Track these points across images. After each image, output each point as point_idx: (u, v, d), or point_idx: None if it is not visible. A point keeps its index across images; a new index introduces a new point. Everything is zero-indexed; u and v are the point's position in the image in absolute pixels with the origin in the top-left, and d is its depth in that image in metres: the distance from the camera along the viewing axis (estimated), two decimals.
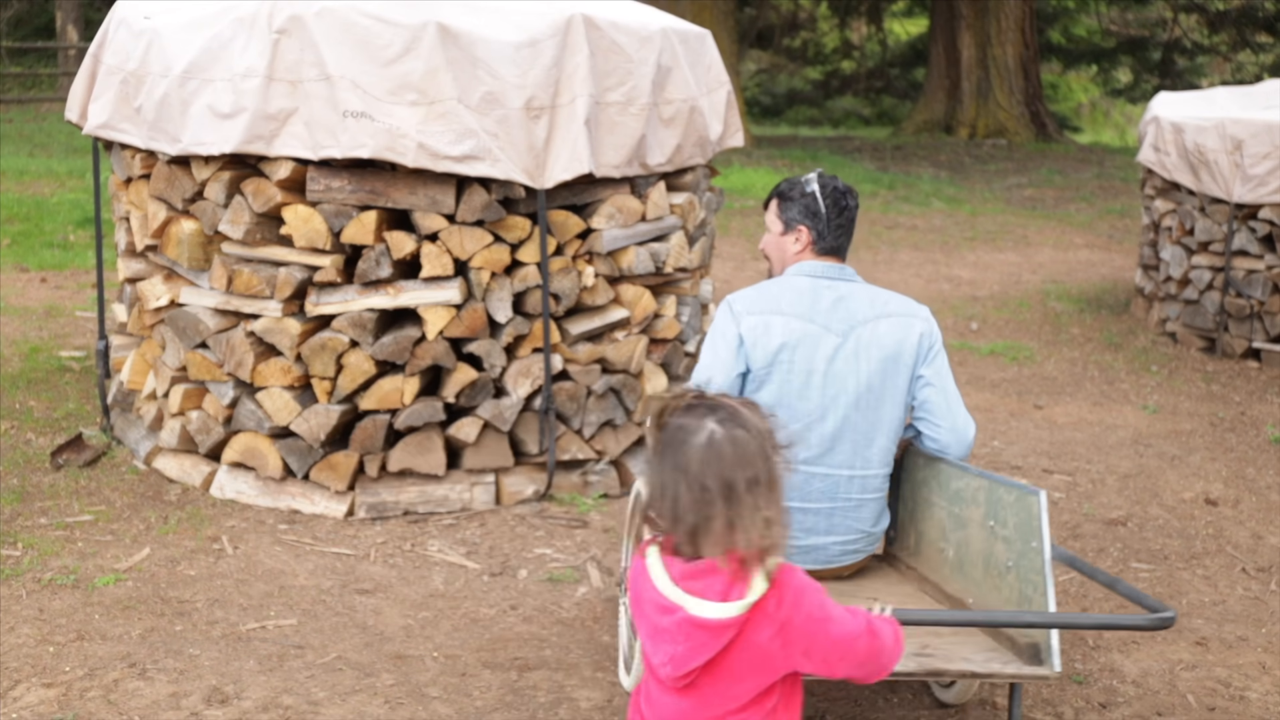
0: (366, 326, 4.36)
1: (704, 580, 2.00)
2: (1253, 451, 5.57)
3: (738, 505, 1.96)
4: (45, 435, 5.16)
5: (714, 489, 1.96)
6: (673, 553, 2.05)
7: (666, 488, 1.99)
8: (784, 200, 3.24)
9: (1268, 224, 6.87)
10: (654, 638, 2.05)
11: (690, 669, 2.03)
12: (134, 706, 3.17)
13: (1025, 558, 2.79)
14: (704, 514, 1.97)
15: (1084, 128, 24.34)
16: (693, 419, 2.01)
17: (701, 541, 1.99)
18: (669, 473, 1.99)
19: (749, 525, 1.96)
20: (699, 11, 16.34)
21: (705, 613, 1.99)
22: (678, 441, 2.00)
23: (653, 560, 2.06)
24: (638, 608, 2.09)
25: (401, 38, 4.20)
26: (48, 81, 20.46)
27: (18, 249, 8.86)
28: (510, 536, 4.37)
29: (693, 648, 2.01)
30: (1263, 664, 3.62)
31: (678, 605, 2.01)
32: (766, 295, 3.11)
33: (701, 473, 1.96)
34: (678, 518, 1.99)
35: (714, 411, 2.01)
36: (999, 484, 2.91)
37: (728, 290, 8.56)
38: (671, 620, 2.01)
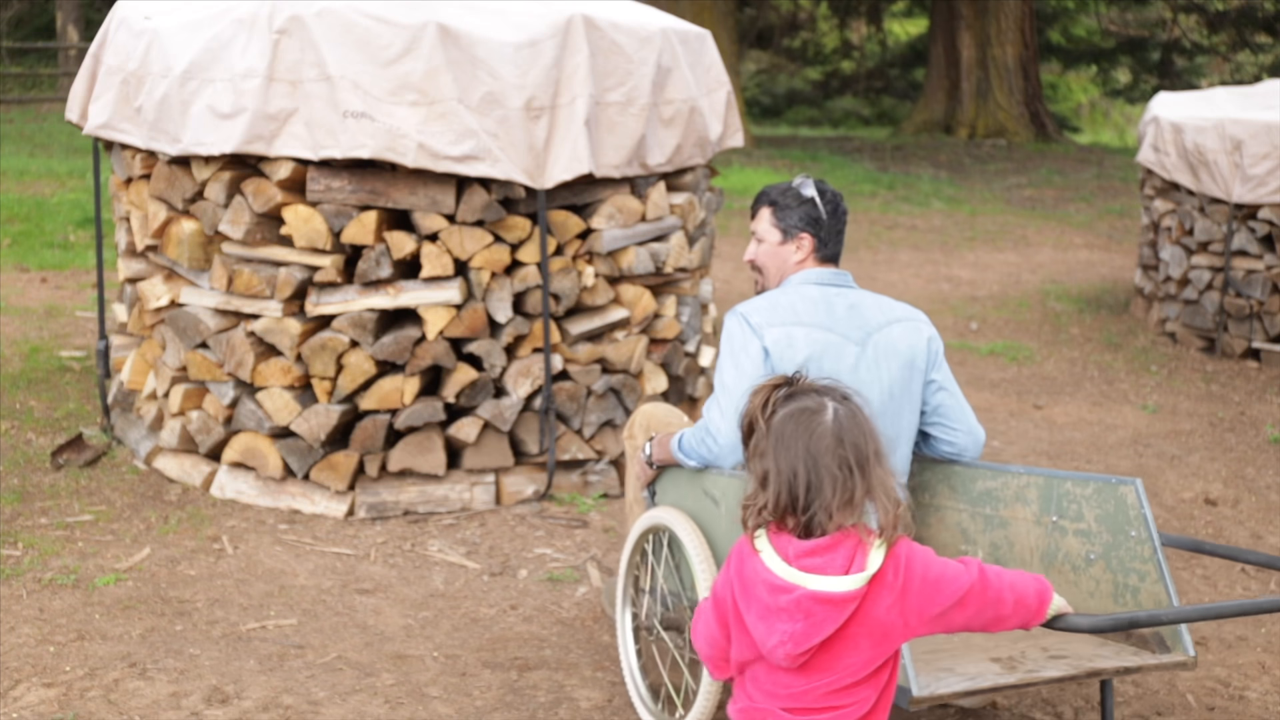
0: (367, 326, 4.37)
1: (823, 556, 2.03)
2: (1252, 451, 5.58)
3: (871, 477, 2.02)
4: (46, 435, 5.17)
5: (852, 463, 2.01)
6: (786, 535, 2.06)
7: (797, 472, 2.02)
8: (779, 208, 3.11)
9: (1267, 224, 6.87)
10: (767, 618, 2.05)
11: (809, 646, 2.04)
12: (134, 706, 3.18)
13: (1118, 549, 2.78)
14: (843, 489, 2.01)
15: (1083, 128, 24.34)
16: (809, 401, 2.05)
17: (837, 516, 2.02)
18: (798, 456, 2.02)
19: (880, 495, 2.03)
20: (699, 12, 16.34)
21: (827, 587, 2.01)
22: (802, 425, 2.03)
23: (762, 544, 2.08)
24: (746, 591, 2.09)
25: (402, 38, 4.21)
26: (48, 82, 20.46)
27: (18, 249, 8.86)
28: (510, 536, 4.37)
29: (813, 624, 2.03)
30: (1262, 664, 3.62)
31: (795, 584, 2.03)
32: (782, 306, 2.97)
33: (837, 449, 2.01)
34: (811, 498, 2.02)
35: (826, 392, 2.06)
36: (1064, 479, 2.89)
37: (727, 290, 8.56)
38: (789, 599, 2.03)
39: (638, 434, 3.45)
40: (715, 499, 2.94)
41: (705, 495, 2.97)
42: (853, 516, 2.03)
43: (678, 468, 3.08)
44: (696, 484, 3.01)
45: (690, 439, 2.98)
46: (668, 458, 3.07)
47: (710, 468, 2.95)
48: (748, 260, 3.19)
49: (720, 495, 2.92)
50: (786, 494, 2.03)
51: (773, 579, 2.05)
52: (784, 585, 2.04)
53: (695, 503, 3.02)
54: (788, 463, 2.03)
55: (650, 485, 3.24)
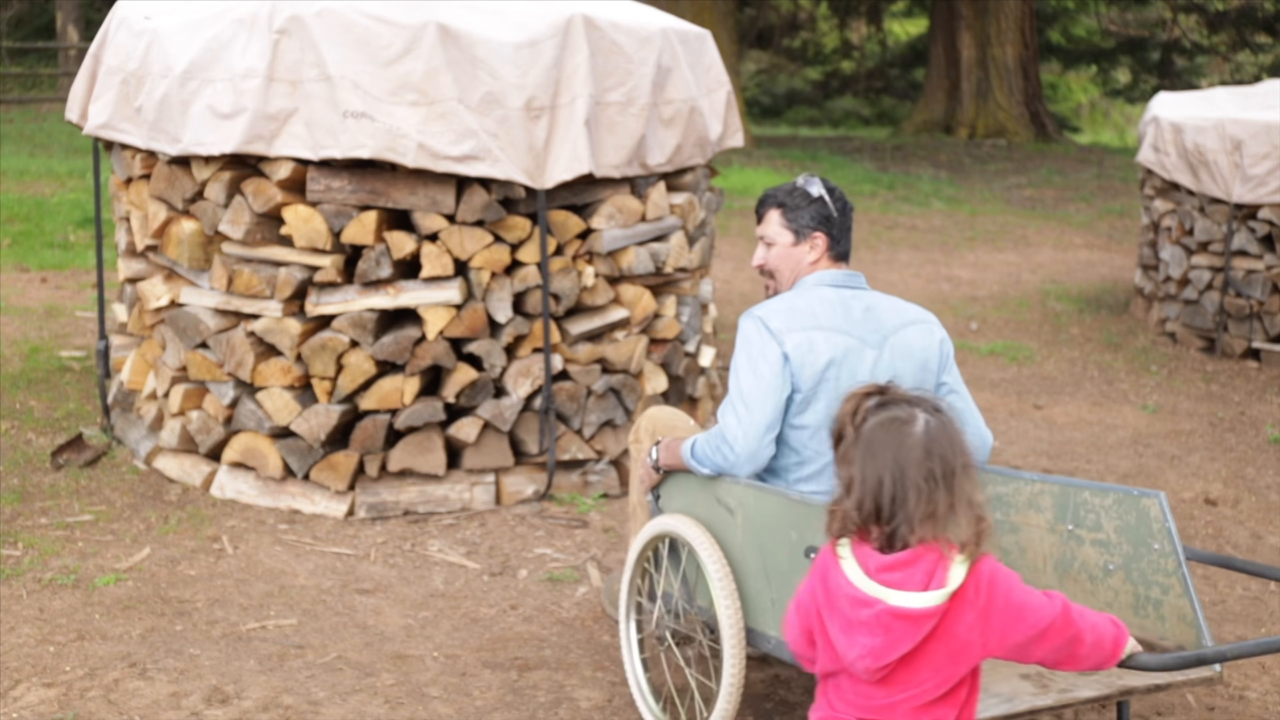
0: (367, 326, 4.37)
1: (903, 571, 2.02)
2: (1252, 451, 5.58)
3: (956, 491, 2.01)
4: (46, 435, 5.17)
5: (939, 475, 2.00)
6: (868, 546, 2.06)
7: (882, 481, 2.01)
8: (789, 209, 3.04)
9: (1267, 224, 6.87)
10: (849, 631, 2.05)
11: (889, 661, 2.04)
12: (134, 706, 3.18)
13: (1139, 560, 2.76)
14: (927, 501, 2.00)
15: (1083, 128, 24.34)
16: (900, 411, 2.04)
17: (919, 529, 2.01)
18: (885, 465, 2.01)
19: (965, 510, 2.01)
20: (699, 12, 16.34)
21: (906, 603, 2.01)
22: (892, 434, 2.02)
23: (845, 554, 2.07)
24: (830, 602, 2.08)
25: (402, 38, 4.21)
26: (48, 82, 20.46)
27: (18, 249, 8.86)
28: (510, 536, 4.37)
29: (892, 639, 2.02)
30: (1262, 664, 3.62)
31: (875, 598, 2.02)
32: (800, 310, 2.91)
33: (924, 461, 2.00)
34: (895, 509, 2.01)
35: (917, 403, 2.06)
36: (1082, 489, 2.88)
37: (728, 290, 8.56)
38: (870, 613, 2.02)
39: (643, 438, 3.40)
40: (730, 509, 2.88)
41: (719, 504, 2.92)
42: (934, 530, 2.01)
43: (685, 473, 3.03)
44: (708, 492, 2.96)
45: (705, 447, 2.91)
46: (677, 463, 3.01)
47: (724, 476, 2.89)
48: (757, 265, 3.12)
49: (736, 505, 2.86)
50: (871, 503, 2.03)
51: (854, 592, 2.04)
52: (865, 599, 2.03)
53: (707, 511, 2.97)
54: (874, 471, 2.02)
55: (654, 489, 3.19)
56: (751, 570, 2.84)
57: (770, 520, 2.76)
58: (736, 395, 2.88)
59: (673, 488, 3.11)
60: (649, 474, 3.15)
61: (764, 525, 2.78)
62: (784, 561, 2.73)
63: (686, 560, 3.04)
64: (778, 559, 2.75)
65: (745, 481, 2.84)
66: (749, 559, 2.85)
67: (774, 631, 2.80)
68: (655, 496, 3.19)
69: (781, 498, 2.72)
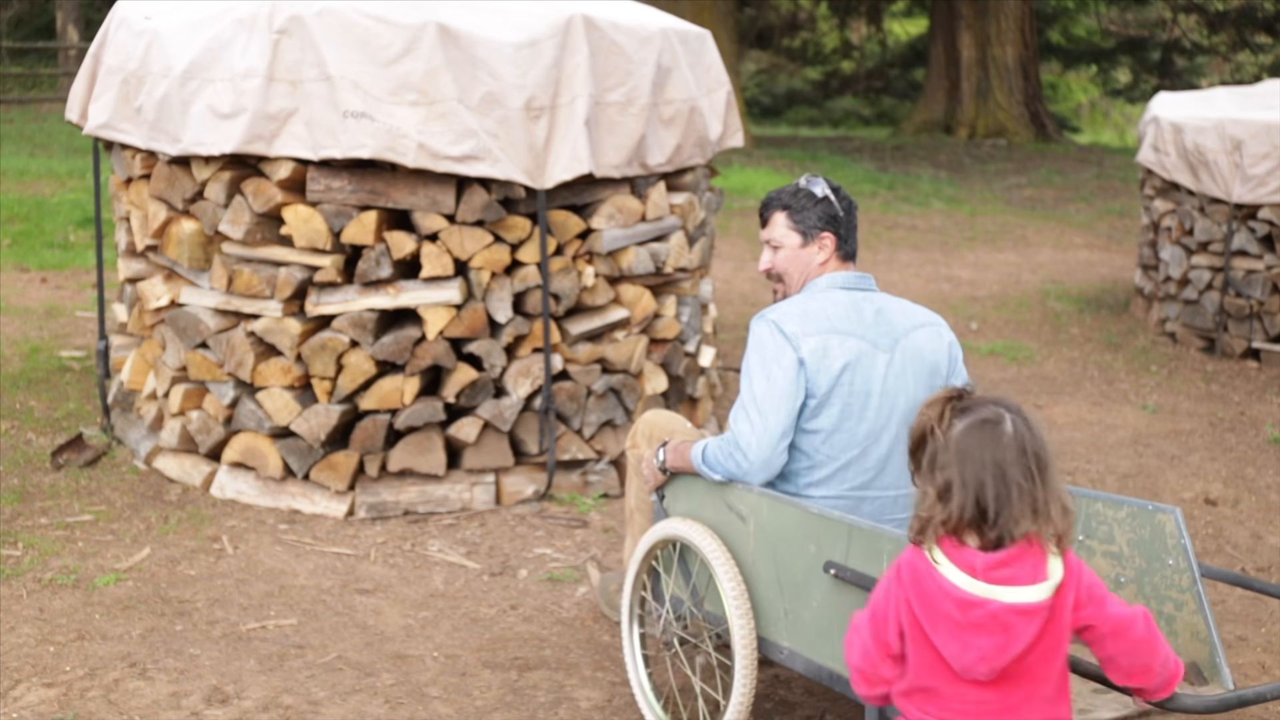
0: (367, 326, 4.37)
1: (1012, 568, 2.03)
2: (1252, 451, 5.58)
3: (1051, 486, 2.04)
4: (46, 435, 5.17)
5: (1034, 472, 2.02)
6: (965, 548, 2.05)
7: (985, 484, 2.02)
8: (794, 210, 3.00)
9: (1267, 224, 6.87)
10: (960, 635, 2.03)
11: (1009, 659, 2.03)
12: (134, 706, 3.18)
13: (1152, 575, 2.75)
14: (1030, 498, 2.02)
15: (1083, 128, 24.34)
16: (987, 412, 2.06)
17: (1017, 527, 2.02)
18: (985, 467, 2.02)
19: (1055, 505, 2.03)
20: (699, 12, 16.33)
21: (1021, 598, 2.01)
22: (986, 436, 2.04)
23: (940, 559, 2.06)
24: (931, 609, 2.06)
25: (402, 38, 4.21)
26: (48, 82, 20.46)
27: (18, 249, 8.86)
28: (510, 536, 4.37)
29: (1011, 637, 2.02)
30: (1262, 664, 3.62)
31: (987, 598, 2.02)
32: (814, 313, 2.87)
33: (1020, 458, 2.02)
34: (999, 509, 2.02)
35: (999, 403, 2.08)
36: (1095, 499, 2.86)
37: (728, 290, 8.56)
38: (983, 613, 2.02)
39: (640, 443, 3.37)
40: (742, 516, 2.86)
41: (729, 510, 2.89)
42: (1037, 524, 2.03)
43: (693, 476, 3.00)
44: (717, 497, 2.93)
45: (716, 452, 2.88)
46: (685, 466, 2.98)
47: (736, 482, 2.86)
48: (764, 270, 3.09)
49: (748, 512, 2.84)
50: (974, 507, 2.03)
51: (962, 594, 2.03)
52: (976, 600, 2.02)
53: (716, 516, 2.94)
54: (973, 475, 2.03)
55: (659, 490, 3.15)
56: (764, 580, 2.82)
57: (786, 531, 2.73)
58: (749, 401, 2.84)
59: (677, 490, 3.07)
60: (654, 475, 3.11)
61: (779, 536, 2.75)
62: (799, 574, 2.70)
63: (696, 566, 3.01)
64: (793, 571, 2.72)
65: (759, 490, 2.81)
66: (761, 568, 2.82)
67: (786, 642, 2.78)
68: (660, 497, 3.16)
69: (799, 509, 2.69)
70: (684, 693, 3.24)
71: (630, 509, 3.47)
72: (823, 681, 2.70)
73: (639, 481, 3.41)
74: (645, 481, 3.18)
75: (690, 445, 2.99)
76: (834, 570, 2.56)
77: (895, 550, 2.45)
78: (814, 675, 2.72)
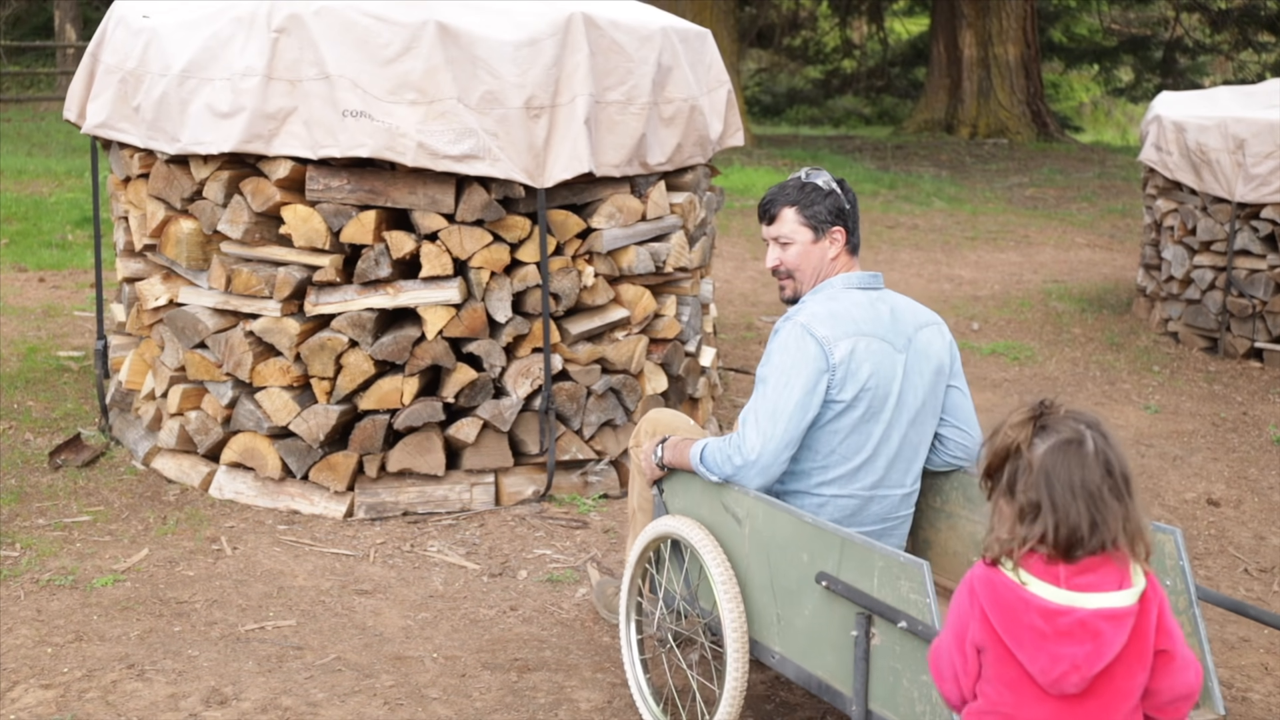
0: (366, 326, 4.35)
1: (1095, 574, 2.01)
2: (1255, 452, 5.56)
3: (1134, 500, 2.03)
4: (43, 435, 5.15)
5: (1123, 490, 2.02)
6: (1042, 562, 2.03)
7: (1075, 506, 2.00)
8: (804, 205, 2.96)
9: (1270, 223, 6.85)
10: (1046, 646, 2.00)
11: (1099, 668, 2.00)
12: (132, 708, 3.16)
13: None
14: (1123, 517, 2.01)
15: (1085, 127, 24.31)
16: (1068, 432, 2.04)
17: (1110, 541, 2.01)
18: (1076, 490, 2.01)
19: (1139, 517, 2.03)
20: (699, 10, 16.32)
21: (1109, 603, 2.00)
22: (1072, 457, 2.02)
23: (1022, 576, 2.03)
24: (1013, 624, 2.02)
25: (401, 37, 4.19)
26: (46, 80, 20.46)
27: (16, 248, 8.85)
28: (510, 537, 4.35)
29: (1101, 644, 1.99)
30: (1265, 665, 3.60)
31: (1072, 606, 1.99)
32: (842, 316, 2.84)
33: (1109, 478, 2.02)
34: (1094, 530, 2.00)
35: (1079, 418, 2.07)
36: None
37: (728, 290, 8.55)
38: (1069, 621, 1.99)
39: (643, 441, 3.36)
40: (738, 518, 2.85)
41: (725, 511, 2.89)
42: (1128, 539, 2.02)
43: (690, 474, 2.99)
44: (714, 497, 2.92)
45: (716, 455, 2.86)
46: (683, 464, 2.97)
47: (732, 484, 2.85)
48: (773, 266, 3.03)
49: (744, 515, 2.82)
50: (1066, 529, 2.00)
51: (1046, 604, 2.00)
52: (1061, 609, 1.99)
53: (712, 515, 2.94)
54: (1063, 497, 2.01)
55: (657, 483, 3.15)
56: (757, 583, 2.81)
57: (781, 537, 2.72)
58: (763, 406, 2.80)
59: (676, 485, 3.08)
60: (653, 470, 3.11)
61: (773, 541, 2.74)
62: (792, 581, 2.69)
63: (690, 562, 3.01)
64: (786, 577, 2.71)
65: (755, 494, 2.80)
66: (755, 570, 2.81)
67: (777, 646, 2.77)
68: (659, 490, 3.15)
69: (793, 517, 2.67)
70: (682, 694, 3.22)
71: (633, 509, 3.46)
72: (812, 690, 2.68)
73: (642, 481, 3.39)
74: (643, 475, 3.16)
75: (690, 444, 2.98)
76: (826, 582, 2.55)
77: (887, 566, 2.43)
78: (804, 683, 2.71)
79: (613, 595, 3.70)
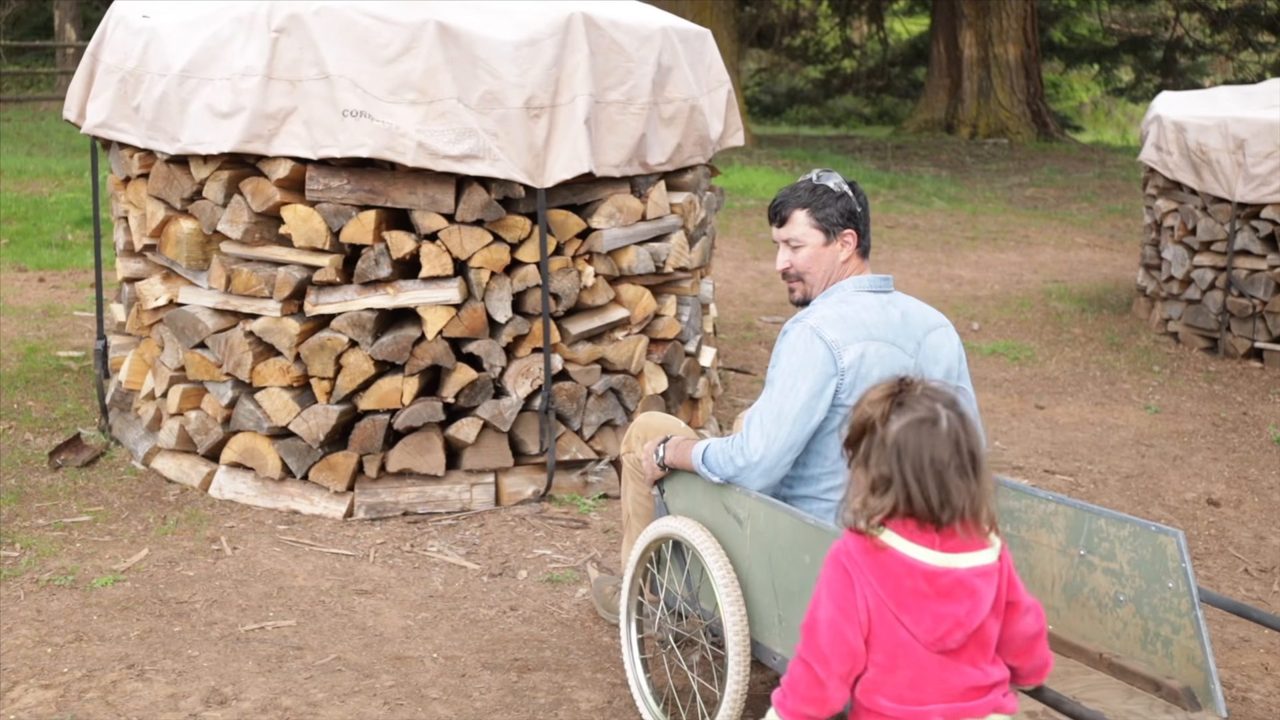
0: (366, 326, 4.35)
1: (958, 538, 2.13)
2: (1255, 452, 5.56)
3: (982, 476, 2.13)
4: (43, 435, 5.15)
5: (968, 466, 2.11)
6: (912, 527, 2.13)
7: (923, 480, 2.09)
8: (815, 207, 2.93)
9: (1270, 223, 6.85)
10: (928, 605, 2.11)
11: (978, 622, 2.13)
12: (132, 708, 3.16)
13: (1151, 596, 2.73)
14: (968, 492, 2.11)
15: (1086, 127, 24.31)
16: (923, 410, 2.13)
17: (958, 514, 2.12)
18: (923, 465, 2.10)
19: (988, 499, 2.14)
20: (699, 10, 16.32)
21: (979, 560, 2.13)
22: (924, 434, 2.11)
23: (892, 539, 2.13)
24: (896, 588, 2.12)
25: (401, 37, 4.19)
26: (46, 80, 20.46)
27: (16, 248, 8.85)
28: (510, 537, 4.35)
29: (977, 600, 2.13)
30: (1265, 665, 3.60)
31: (950, 567, 2.11)
32: (851, 319, 2.83)
33: (953, 456, 2.10)
34: (941, 503, 2.09)
35: (937, 397, 2.15)
36: (1098, 515, 2.84)
37: (728, 290, 8.55)
38: (950, 580, 2.11)
39: (635, 446, 3.35)
40: (739, 519, 2.84)
41: (727, 511, 2.88)
42: (975, 513, 2.12)
43: (691, 474, 2.98)
44: (715, 497, 2.92)
45: (718, 454, 2.85)
46: (685, 464, 2.96)
47: (734, 486, 2.84)
48: (783, 270, 3.01)
49: (745, 516, 2.82)
50: (916, 501, 2.11)
51: (927, 567, 2.11)
52: (940, 570, 2.11)
53: (713, 516, 2.93)
54: (912, 471, 2.10)
55: (658, 484, 3.14)
56: (759, 584, 2.81)
57: (783, 539, 2.71)
58: (768, 409, 2.79)
59: (677, 485, 3.07)
60: (653, 470, 3.10)
61: (775, 542, 2.74)
62: (794, 583, 2.69)
63: (691, 563, 3.00)
64: (788, 579, 2.71)
65: (756, 495, 2.80)
66: (756, 572, 2.81)
67: (779, 649, 2.77)
68: (660, 491, 3.14)
69: (795, 519, 2.67)
70: (682, 694, 3.22)
71: (627, 513, 3.45)
72: None
73: (635, 486, 3.39)
74: (644, 475, 3.15)
75: (691, 444, 2.97)
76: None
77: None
78: None
79: (611, 594, 3.70)
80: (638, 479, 3.36)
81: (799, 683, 2.17)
